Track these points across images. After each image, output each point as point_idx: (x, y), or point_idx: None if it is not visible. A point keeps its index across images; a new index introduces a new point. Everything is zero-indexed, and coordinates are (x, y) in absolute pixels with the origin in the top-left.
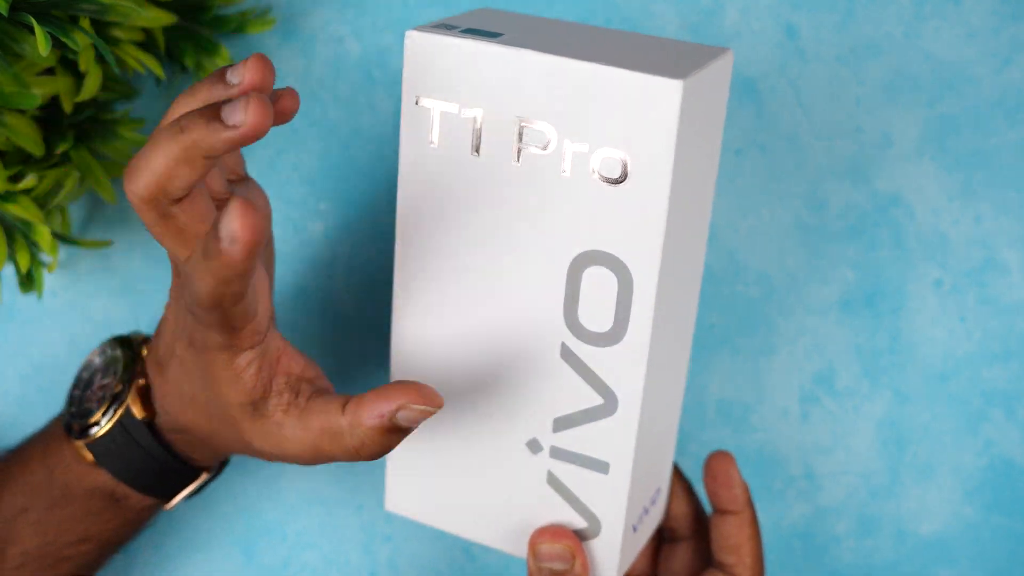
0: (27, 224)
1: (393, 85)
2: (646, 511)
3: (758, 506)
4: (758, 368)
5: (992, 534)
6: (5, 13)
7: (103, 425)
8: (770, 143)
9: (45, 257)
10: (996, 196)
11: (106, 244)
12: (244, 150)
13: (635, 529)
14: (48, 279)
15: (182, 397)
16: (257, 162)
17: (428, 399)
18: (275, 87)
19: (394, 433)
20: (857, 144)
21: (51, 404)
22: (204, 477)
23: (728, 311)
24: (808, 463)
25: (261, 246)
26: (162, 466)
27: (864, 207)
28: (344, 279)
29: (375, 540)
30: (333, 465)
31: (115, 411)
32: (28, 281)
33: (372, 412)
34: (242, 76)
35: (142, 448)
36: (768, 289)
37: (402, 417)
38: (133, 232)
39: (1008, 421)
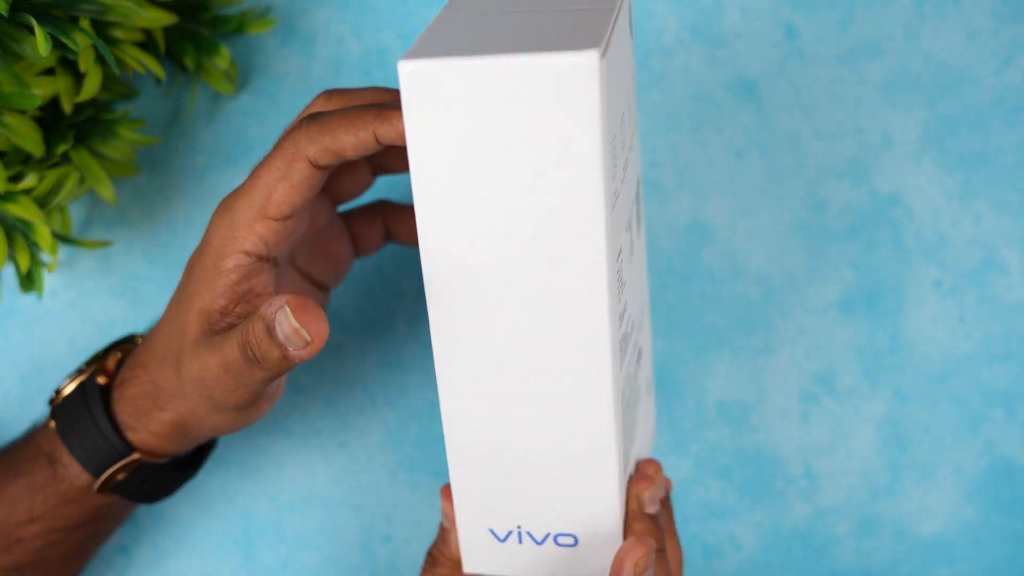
0: (27, 224)
1: (393, 84)
2: (518, 535)
3: (758, 506)
4: (758, 368)
5: (992, 534)
6: (5, 13)
7: (67, 386)
8: (770, 143)
9: (45, 257)
10: (996, 196)
11: (106, 244)
12: (242, 155)
13: (501, 538)
14: (48, 279)
15: (159, 322)
16: (258, 161)
17: (304, 315)
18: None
19: (272, 342)
20: (857, 144)
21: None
22: (135, 456)
23: (728, 311)
24: (808, 463)
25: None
26: (99, 431)
27: (864, 207)
28: (344, 279)
29: (375, 540)
30: (333, 465)
31: (81, 375)
32: (28, 281)
33: (267, 304)
34: None
35: (88, 409)
36: (768, 289)
37: (280, 322)
38: (133, 232)
39: (1008, 421)
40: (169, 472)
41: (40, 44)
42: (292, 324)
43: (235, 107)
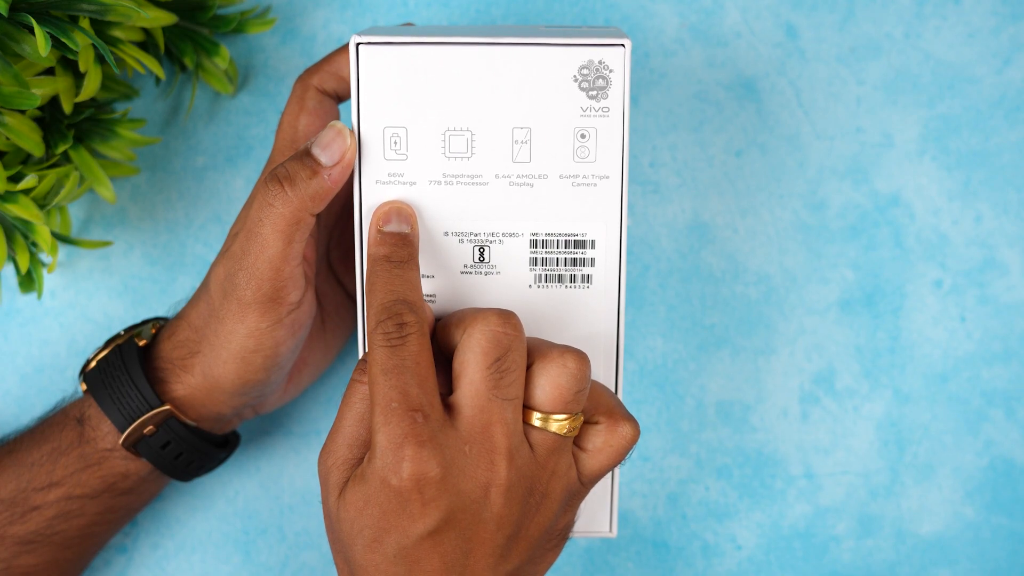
0: (27, 224)
1: None
2: None
3: (758, 506)
4: (758, 368)
5: (992, 534)
6: (5, 13)
7: (100, 353)
8: (770, 143)
9: (45, 257)
10: (996, 196)
11: (106, 244)
12: (242, 155)
13: None
14: (48, 279)
15: (211, 278)
16: (258, 162)
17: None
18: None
19: (302, 162)
20: (857, 144)
21: (51, 404)
22: (165, 407)
23: (728, 311)
24: (808, 463)
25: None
26: (131, 383)
27: (864, 207)
28: None
29: None
30: None
31: (118, 339)
32: (28, 281)
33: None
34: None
35: (123, 365)
36: (768, 289)
37: (321, 134)
38: (133, 232)
39: (1008, 421)
40: (196, 440)
41: (40, 44)
42: (336, 127)
43: (235, 107)
